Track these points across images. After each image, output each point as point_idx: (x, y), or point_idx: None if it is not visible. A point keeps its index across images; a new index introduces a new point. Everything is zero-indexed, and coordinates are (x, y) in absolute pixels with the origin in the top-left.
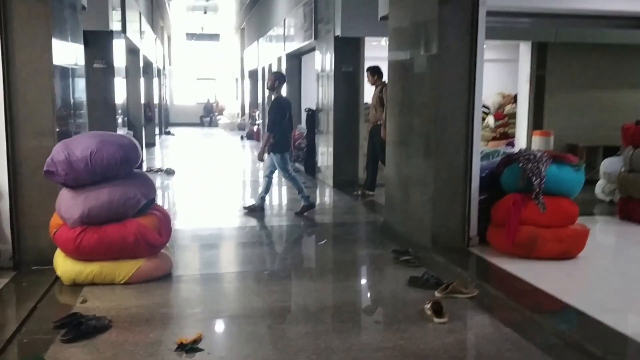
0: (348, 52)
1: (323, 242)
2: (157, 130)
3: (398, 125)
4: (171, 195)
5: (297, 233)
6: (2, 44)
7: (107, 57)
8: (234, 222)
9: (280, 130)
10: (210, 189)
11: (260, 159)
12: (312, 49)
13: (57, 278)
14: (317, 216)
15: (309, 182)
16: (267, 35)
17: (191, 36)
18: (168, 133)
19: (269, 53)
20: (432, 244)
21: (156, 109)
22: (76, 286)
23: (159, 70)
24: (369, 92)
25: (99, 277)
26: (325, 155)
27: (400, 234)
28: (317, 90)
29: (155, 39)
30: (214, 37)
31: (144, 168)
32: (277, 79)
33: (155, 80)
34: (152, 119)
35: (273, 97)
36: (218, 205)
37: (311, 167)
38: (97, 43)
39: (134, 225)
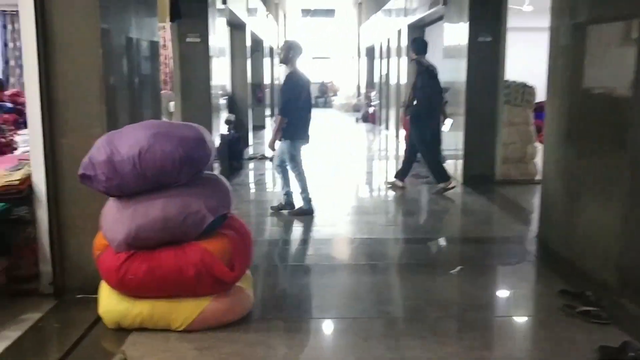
0: (485, 18)
1: (456, 270)
2: (268, 112)
3: (566, 110)
4: (266, 191)
5: (418, 252)
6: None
7: (202, 31)
8: (337, 227)
9: (294, 112)
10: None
11: (272, 147)
12: (439, 18)
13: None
14: (442, 225)
15: (427, 174)
16: (387, 7)
17: (306, 12)
18: None
19: (388, 26)
20: (621, 285)
21: (267, 90)
22: (121, 331)
23: (271, 49)
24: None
25: (149, 321)
26: (453, 143)
27: (565, 261)
28: (445, 66)
29: (267, 16)
30: (329, 12)
31: (248, 154)
32: (291, 48)
33: (267, 60)
34: (262, 101)
35: (287, 72)
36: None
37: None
38: (191, 14)
39: (195, 252)
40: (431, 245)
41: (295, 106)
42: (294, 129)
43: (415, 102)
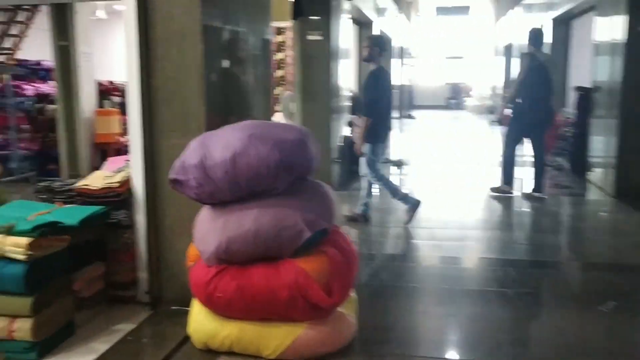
0: None
1: (608, 306)
2: (396, 114)
3: None
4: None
5: (559, 280)
6: None
7: (324, 29)
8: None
9: (375, 113)
10: (438, 192)
11: (360, 151)
12: (588, 9)
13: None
14: (588, 248)
15: (574, 186)
16: (526, 1)
17: (441, 10)
18: (409, 117)
19: (528, 22)
20: None
21: (395, 91)
22: (210, 352)
23: (401, 49)
24: None
25: (238, 345)
26: (603, 149)
27: None
28: (594, 63)
29: (398, 15)
30: (464, 9)
31: None
32: (377, 44)
33: (396, 61)
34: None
35: (370, 69)
36: (442, 214)
37: (580, 165)
38: (313, 12)
39: (290, 271)
40: (575, 271)
41: (377, 106)
42: (373, 131)
43: (518, 100)
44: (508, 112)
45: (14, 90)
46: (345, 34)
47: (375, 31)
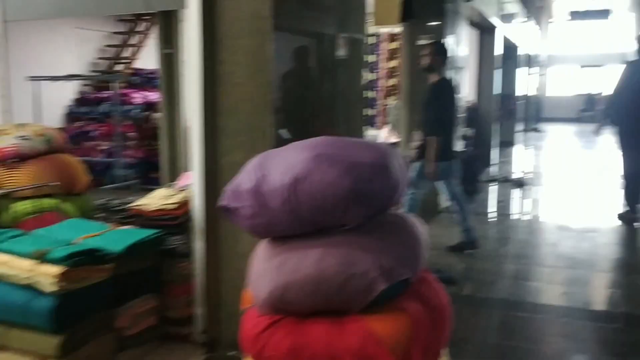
0: None
1: None
2: (520, 127)
3: None
4: (498, 229)
5: None
6: None
7: (437, 34)
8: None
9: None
10: (562, 220)
11: (434, 176)
12: None
13: None
14: None
15: None
16: None
17: (576, 15)
18: (535, 130)
19: None
20: None
21: (520, 102)
22: None
23: (528, 57)
24: None
25: None
26: None
27: None
28: None
29: (526, 20)
30: (603, 13)
31: (489, 175)
32: (438, 52)
33: (522, 69)
34: (514, 114)
35: (433, 81)
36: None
37: None
38: (425, 14)
39: (356, 333)
40: None
41: (443, 123)
42: (441, 150)
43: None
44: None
45: (122, 99)
46: (462, 40)
47: (499, 38)
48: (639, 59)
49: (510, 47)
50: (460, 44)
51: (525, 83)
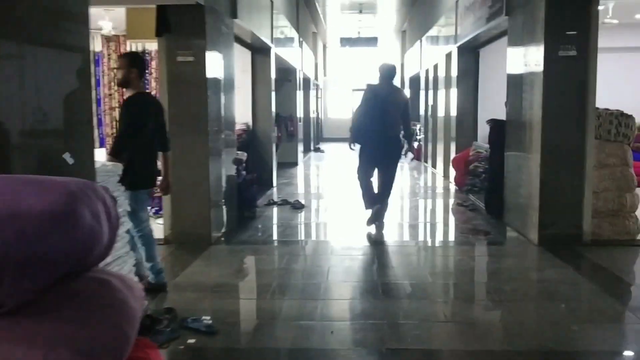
0: (567, 27)
1: None
2: (301, 147)
3: None
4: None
5: None
6: None
7: (198, 50)
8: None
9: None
10: (337, 244)
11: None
12: (500, 35)
13: None
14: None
15: (491, 230)
16: (432, 32)
17: (346, 42)
18: (317, 150)
19: (434, 52)
20: None
21: (300, 124)
22: None
23: (306, 81)
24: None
25: None
26: (521, 187)
27: None
28: (509, 94)
29: (301, 43)
30: (371, 41)
31: (270, 199)
32: (132, 64)
33: (301, 92)
34: (295, 135)
35: (127, 96)
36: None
37: (495, 206)
38: (183, 28)
39: None
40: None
41: (137, 142)
42: (132, 173)
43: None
44: (415, 144)
45: None
46: (230, 58)
47: (274, 59)
48: (376, 85)
49: (288, 70)
50: (228, 62)
51: (305, 105)
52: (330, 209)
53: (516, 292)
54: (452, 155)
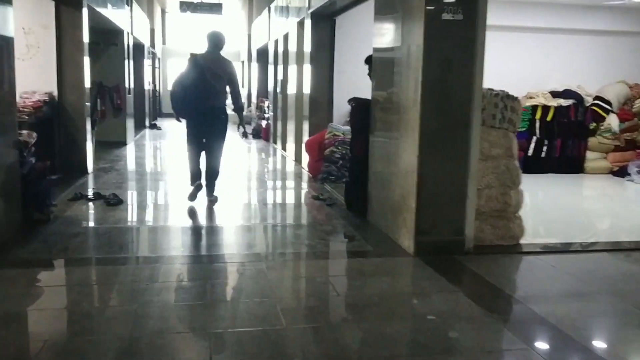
0: None
1: None
2: (132, 124)
3: None
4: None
5: None
6: None
7: None
8: None
9: None
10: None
11: None
12: (355, 2)
13: None
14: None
15: (355, 233)
16: (279, 2)
17: (187, 6)
18: (154, 126)
19: (284, 20)
20: None
21: (130, 96)
22: None
23: (138, 46)
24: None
25: None
26: (392, 182)
27: None
28: (375, 68)
29: (130, 1)
30: (216, 7)
31: (80, 193)
32: None
33: (131, 60)
34: (122, 109)
35: None
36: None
37: (358, 201)
38: None
39: None
40: None
41: None
42: None
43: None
44: (264, 123)
45: None
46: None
47: (85, 15)
48: (200, 54)
49: (113, 31)
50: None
51: (138, 75)
52: (158, 202)
53: (378, 314)
54: (305, 137)
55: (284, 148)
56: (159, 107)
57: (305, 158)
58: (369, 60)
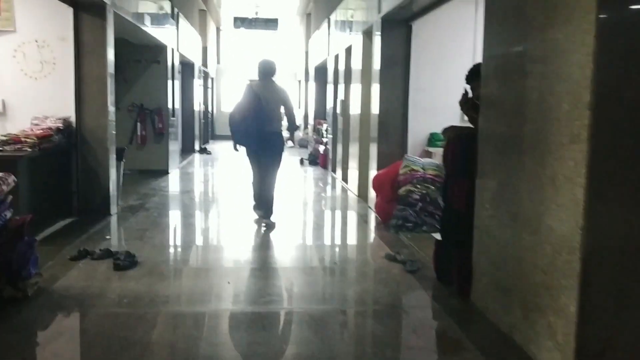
0: None
1: None
2: (178, 148)
3: None
4: None
5: None
6: None
7: None
8: None
9: None
10: None
11: None
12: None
13: None
14: None
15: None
16: (345, 3)
17: (241, 22)
18: (204, 151)
19: (347, 32)
20: None
21: (174, 118)
22: None
23: (187, 65)
24: None
25: None
26: (522, 255)
27: None
28: (486, 84)
29: (176, 15)
30: (271, 23)
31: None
32: None
33: (178, 79)
34: (163, 134)
35: None
36: None
37: (453, 271)
38: None
39: None
40: None
41: None
42: None
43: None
44: (321, 148)
45: None
46: None
47: (113, 23)
48: (257, 82)
49: (155, 48)
50: None
51: (186, 96)
52: (189, 263)
53: None
54: (372, 168)
55: (344, 179)
56: (212, 129)
57: (372, 194)
58: (473, 76)
